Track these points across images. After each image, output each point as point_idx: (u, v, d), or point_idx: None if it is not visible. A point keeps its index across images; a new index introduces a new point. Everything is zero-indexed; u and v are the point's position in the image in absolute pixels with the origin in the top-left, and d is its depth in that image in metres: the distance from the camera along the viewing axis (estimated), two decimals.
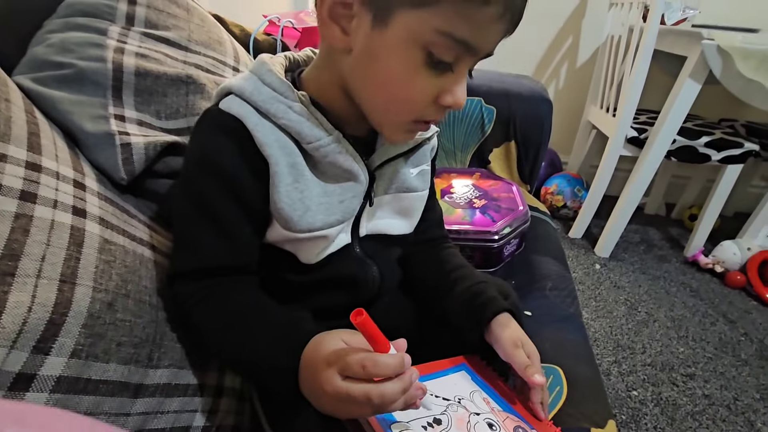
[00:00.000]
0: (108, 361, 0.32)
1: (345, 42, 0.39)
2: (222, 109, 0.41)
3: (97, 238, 0.37)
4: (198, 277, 0.41)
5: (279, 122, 0.41)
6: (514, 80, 1.02)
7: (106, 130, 0.47)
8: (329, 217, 0.44)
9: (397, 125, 0.42)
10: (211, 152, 0.41)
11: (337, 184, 0.44)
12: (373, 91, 0.40)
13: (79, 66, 0.49)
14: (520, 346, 0.46)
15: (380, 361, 0.32)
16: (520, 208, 0.78)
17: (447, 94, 0.38)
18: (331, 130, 0.42)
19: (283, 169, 0.41)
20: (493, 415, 0.42)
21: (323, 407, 0.35)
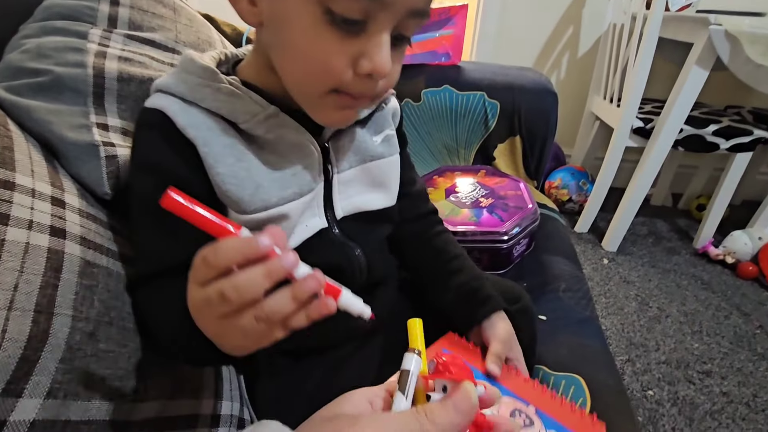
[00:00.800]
0: (90, 398, 0.29)
1: (255, 14, 0.37)
2: (146, 107, 0.40)
3: (78, 261, 0.34)
4: (150, 281, 0.38)
5: (208, 106, 0.39)
6: (518, 72, 0.98)
7: (89, 140, 0.44)
8: (284, 191, 0.41)
9: (317, 99, 0.37)
10: (141, 150, 0.40)
11: (286, 159, 0.42)
12: (285, 63, 0.38)
13: (56, 72, 0.45)
14: (506, 343, 0.46)
15: (220, 246, 0.25)
16: (529, 206, 0.75)
17: (363, 58, 0.34)
18: (266, 105, 0.40)
19: (218, 149, 0.38)
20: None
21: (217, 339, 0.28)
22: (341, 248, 0.46)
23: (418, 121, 0.93)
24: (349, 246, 0.47)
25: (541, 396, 0.42)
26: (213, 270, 0.25)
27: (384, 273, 0.53)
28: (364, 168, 0.48)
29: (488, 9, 1.66)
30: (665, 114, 1.34)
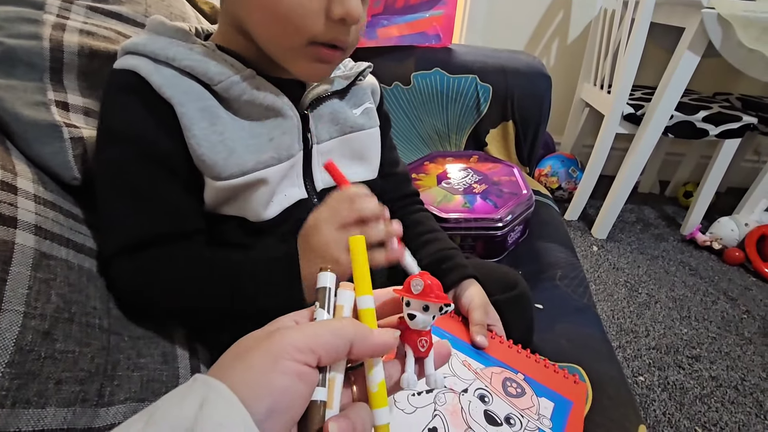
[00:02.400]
0: (44, 405, 0.26)
1: None
2: (116, 68, 0.37)
3: (32, 252, 0.30)
4: (135, 252, 0.36)
5: (181, 65, 0.37)
6: (510, 56, 0.95)
7: (50, 120, 0.39)
8: (260, 156, 0.39)
9: (293, 52, 0.38)
10: (112, 115, 0.37)
11: (262, 123, 0.40)
12: (256, 21, 0.37)
13: (7, 44, 0.41)
14: (482, 308, 0.45)
15: (359, 192, 0.38)
16: (524, 191, 0.72)
17: (335, 3, 0.34)
18: (241, 68, 0.38)
19: (192, 112, 0.36)
20: (480, 381, 0.39)
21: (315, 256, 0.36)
22: None
23: (408, 105, 0.90)
24: None
25: (527, 362, 0.42)
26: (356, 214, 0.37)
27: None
28: (343, 140, 0.47)
29: None
30: (656, 100, 1.33)
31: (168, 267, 0.37)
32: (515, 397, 0.37)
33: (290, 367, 0.18)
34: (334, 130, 0.46)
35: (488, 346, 0.42)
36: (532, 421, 0.35)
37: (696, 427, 0.90)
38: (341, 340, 0.20)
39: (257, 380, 0.18)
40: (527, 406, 0.36)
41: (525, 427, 0.34)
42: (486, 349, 0.42)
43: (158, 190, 0.37)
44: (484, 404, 0.36)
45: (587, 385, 0.40)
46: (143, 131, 0.36)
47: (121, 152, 0.36)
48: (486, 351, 0.42)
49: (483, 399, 0.36)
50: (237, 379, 0.18)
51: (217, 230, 0.41)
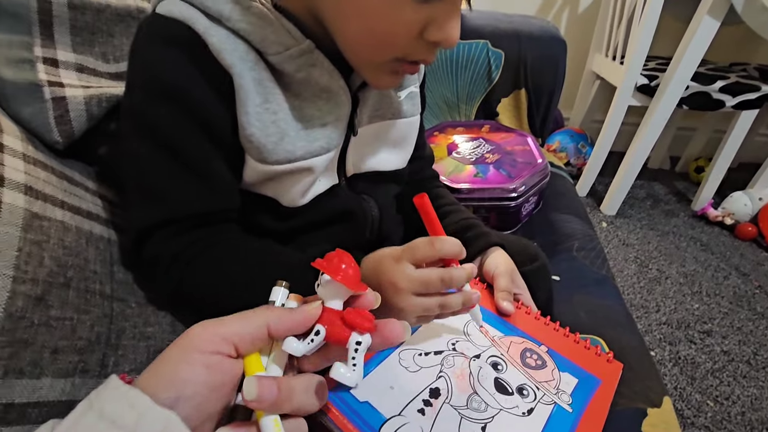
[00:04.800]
0: (39, 375, 0.24)
1: None
2: (161, 14, 0.32)
3: (21, 212, 0.28)
4: (176, 231, 0.34)
5: (236, 27, 0.32)
6: (523, 20, 0.91)
7: (31, 78, 0.36)
8: (312, 144, 0.36)
9: (377, 65, 0.34)
10: (160, 71, 0.32)
11: (316, 106, 0.36)
12: (347, 22, 0.33)
13: None
14: (507, 275, 0.43)
15: (445, 239, 0.33)
16: (539, 161, 0.69)
17: (434, 27, 0.31)
18: (300, 38, 0.34)
19: (249, 84, 0.32)
20: (496, 348, 0.36)
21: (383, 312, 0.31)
22: (355, 199, 0.44)
23: None
24: (363, 198, 0.45)
25: (554, 335, 0.39)
26: (435, 255, 0.32)
27: (395, 228, 0.50)
28: (382, 125, 0.44)
29: None
30: (672, 69, 1.28)
31: (215, 249, 0.35)
32: (533, 369, 0.35)
33: (197, 358, 0.20)
34: (375, 115, 0.43)
35: (513, 315, 0.40)
36: (548, 395, 0.33)
37: (708, 401, 0.89)
38: (253, 326, 0.22)
39: (164, 371, 0.20)
40: (546, 379, 0.34)
41: (539, 400, 0.32)
42: (510, 318, 0.40)
43: (207, 162, 0.34)
44: (496, 372, 0.34)
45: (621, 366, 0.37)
46: (195, 93, 0.32)
47: (168, 112, 0.32)
48: (509, 320, 0.40)
49: (496, 366, 0.34)
50: (150, 371, 0.20)
51: (246, 208, 0.38)
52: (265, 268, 0.35)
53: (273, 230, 0.40)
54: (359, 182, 0.44)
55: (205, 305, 0.36)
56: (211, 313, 0.37)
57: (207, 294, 0.35)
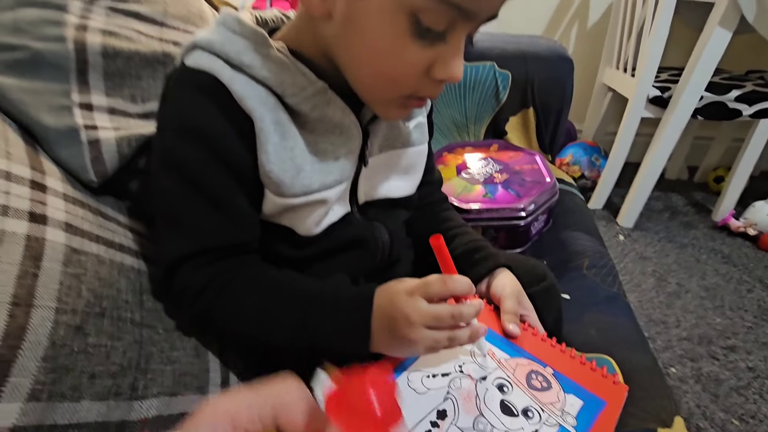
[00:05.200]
0: (78, 399, 0.26)
1: (323, 7, 0.33)
2: (191, 66, 0.35)
3: (62, 248, 0.31)
4: (204, 262, 0.37)
5: (256, 74, 0.35)
6: (529, 40, 0.93)
7: (69, 124, 0.40)
8: (326, 177, 0.39)
9: (387, 102, 0.37)
10: (189, 116, 0.35)
11: (329, 141, 0.39)
12: (358, 65, 0.35)
13: (34, 48, 0.42)
14: (514, 297, 0.44)
15: (457, 278, 0.36)
16: (547, 180, 0.70)
17: (439, 66, 0.33)
18: (315, 80, 0.37)
19: (269, 125, 0.35)
20: (502, 371, 0.38)
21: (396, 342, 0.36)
22: (366, 227, 0.46)
23: None
24: (374, 225, 0.46)
25: (560, 356, 0.40)
26: (447, 292, 0.35)
27: (402, 253, 0.52)
28: (392, 154, 0.46)
29: None
30: (684, 80, 1.27)
31: (240, 280, 0.37)
32: (539, 391, 0.36)
33: None
34: (385, 145, 0.45)
35: (519, 337, 0.41)
36: (553, 417, 0.34)
37: (732, 419, 0.87)
38: (255, 409, 0.23)
39: None
40: (551, 401, 0.35)
41: (544, 422, 0.33)
42: (516, 340, 0.41)
43: (231, 198, 0.37)
44: (501, 394, 0.35)
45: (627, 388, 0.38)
46: (221, 136, 0.35)
47: (196, 152, 0.35)
48: (516, 341, 0.41)
49: (501, 388, 0.35)
50: None
51: (265, 238, 0.41)
52: (284, 296, 0.37)
53: (290, 258, 0.42)
54: (371, 209, 0.46)
55: (231, 332, 0.39)
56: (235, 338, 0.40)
57: (232, 321, 0.37)
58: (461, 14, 0.31)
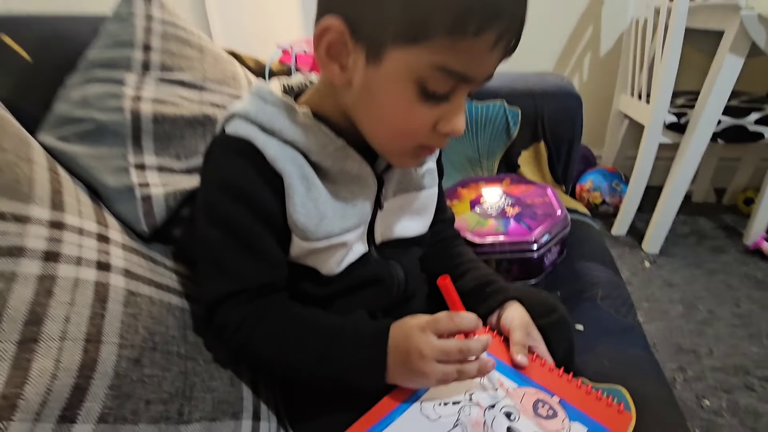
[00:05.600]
0: (137, 422, 0.31)
1: (344, 78, 0.39)
2: (230, 134, 0.41)
3: (122, 291, 0.37)
4: (241, 300, 0.42)
5: (285, 137, 0.41)
6: (538, 78, 0.98)
7: (127, 183, 0.47)
8: (345, 222, 0.44)
9: (401, 153, 0.42)
10: (230, 176, 0.41)
11: (348, 190, 0.44)
12: (375, 125, 0.41)
13: (98, 119, 0.49)
14: (522, 328, 0.47)
15: (464, 315, 0.40)
16: (558, 212, 0.73)
17: (444, 122, 0.38)
18: (335, 139, 0.42)
19: (296, 181, 0.41)
20: (509, 399, 0.40)
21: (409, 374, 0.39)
22: (383, 265, 0.50)
23: None
24: (390, 263, 0.50)
25: (566, 386, 0.42)
26: (454, 326, 0.39)
27: (417, 287, 0.55)
28: (405, 197, 0.51)
29: None
30: (700, 107, 1.28)
31: (272, 317, 0.42)
32: (545, 419, 0.38)
33: None
34: (398, 189, 0.50)
35: (527, 367, 0.44)
36: None
37: None
38: None
39: None
40: (556, 428, 0.37)
41: None
42: (524, 370, 0.43)
43: (264, 245, 0.42)
44: (509, 421, 0.37)
45: (632, 417, 0.39)
46: (256, 193, 0.41)
47: (235, 206, 0.41)
48: (524, 372, 0.43)
49: (509, 416, 0.38)
50: None
51: (291, 277, 0.45)
52: (308, 332, 0.42)
53: (315, 295, 0.46)
54: (387, 249, 0.50)
55: (264, 363, 0.44)
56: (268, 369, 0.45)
57: (264, 354, 0.42)
58: (461, 80, 0.36)
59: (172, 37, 0.63)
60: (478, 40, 0.34)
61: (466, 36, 0.33)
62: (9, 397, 0.26)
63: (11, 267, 0.31)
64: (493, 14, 0.33)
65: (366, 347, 0.40)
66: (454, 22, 0.33)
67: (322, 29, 0.37)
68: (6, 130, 0.39)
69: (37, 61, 0.55)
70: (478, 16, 0.33)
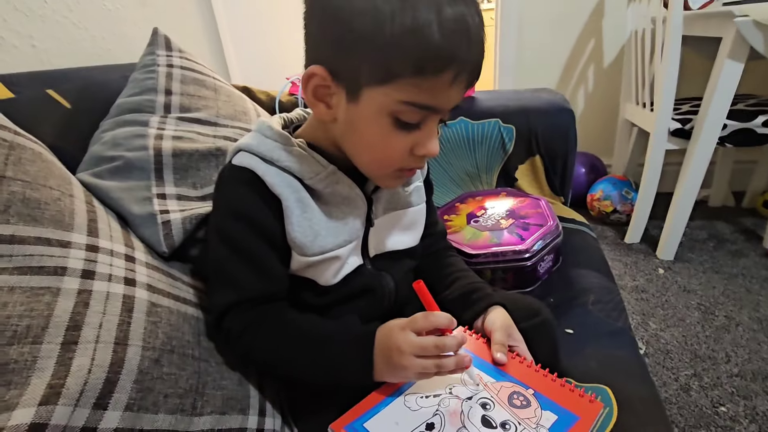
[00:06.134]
0: (157, 412, 0.37)
1: (331, 114, 0.45)
2: (235, 164, 0.48)
3: (145, 303, 0.43)
4: (245, 308, 0.47)
5: (282, 165, 0.47)
6: (531, 95, 1.02)
7: (150, 210, 0.54)
8: (337, 238, 0.49)
9: (384, 176, 0.48)
10: (235, 202, 0.48)
11: (340, 210, 0.50)
12: (359, 153, 0.47)
13: (126, 157, 0.57)
14: (503, 330, 0.50)
15: (438, 314, 0.44)
16: (550, 222, 0.76)
17: (420, 147, 0.44)
18: (326, 165, 0.48)
19: (293, 203, 0.47)
20: (487, 391, 0.44)
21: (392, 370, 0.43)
22: (375, 276, 0.55)
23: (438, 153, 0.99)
24: (381, 275, 0.55)
25: (542, 380, 0.45)
26: (429, 324, 0.44)
27: (410, 296, 0.59)
28: (394, 215, 0.56)
29: (505, 36, 1.72)
30: (703, 112, 1.29)
31: (270, 323, 0.47)
32: (518, 408, 0.41)
33: None
34: (388, 207, 0.55)
35: (506, 364, 0.47)
36: (528, 429, 0.39)
37: None
38: None
39: None
40: (528, 416, 0.40)
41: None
42: (503, 367, 0.47)
43: (266, 260, 0.48)
44: (484, 410, 0.41)
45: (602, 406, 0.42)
46: (259, 215, 0.46)
47: (241, 228, 0.46)
48: (503, 368, 0.47)
49: (484, 406, 0.41)
50: None
51: (293, 288, 0.51)
52: (304, 336, 0.47)
53: (312, 304, 0.52)
54: (380, 261, 0.56)
55: (266, 365, 0.49)
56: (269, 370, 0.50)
57: (265, 357, 0.47)
58: (431, 111, 0.43)
59: (190, 81, 0.72)
60: (438, 78, 0.39)
61: (427, 76, 0.39)
62: (55, 387, 0.32)
63: (56, 283, 0.38)
64: (448, 58, 0.39)
65: (355, 350, 0.45)
66: (415, 66, 0.39)
67: (308, 75, 0.43)
68: (53, 171, 0.47)
69: (76, 107, 0.64)
70: (434, 60, 0.39)
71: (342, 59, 0.41)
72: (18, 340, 0.33)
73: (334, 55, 0.42)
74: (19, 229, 0.39)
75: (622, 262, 1.47)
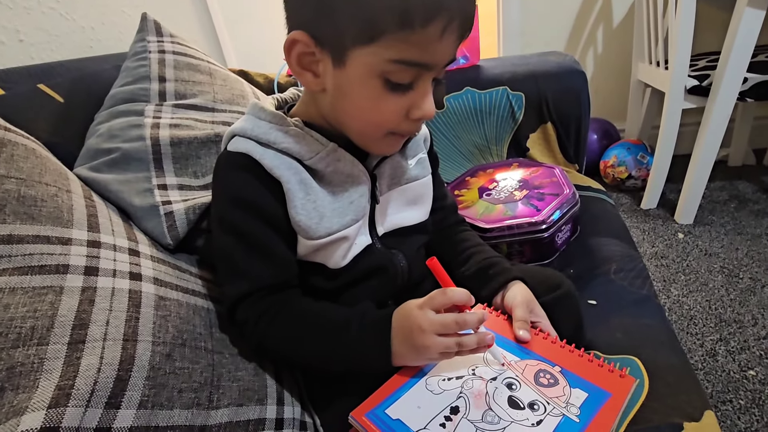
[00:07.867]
0: (172, 407, 0.36)
1: (318, 84, 0.43)
2: (231, 150, 0.46)
3: (153, 297, 0.42)
4: (257, 298, 0.46)
5: (280, 147, 0.45)
6: (539, 59, 0.97)
7: (151, 202, 0.53)
8: (344, 218, 0.47)
9: (376, 142, 0.45)
10: (235, 189, 0.46)
11: (344, 189, 0.48)
12: (350, 121, 0.44)
13: (123, 148, 0.56)
14: (524, 305, 0.48)
15: (455, 289, 0.42)
16: (566, 191, 0.73)
17: (415, 109, 0.41)
18: (326, 143, 0.46)
19: (294, 186, 0.44)
20: (511, 371, 0.42)
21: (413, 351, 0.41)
22: (385, 255, 0.53)
23: (445, 126, 0.96)
24: (392, 253, 0.53)
25: (568, 356, 0.43)
26: (449, 300, 0.42)
27: (423, 273, 0.57)
28: (400, 190, 0.54)
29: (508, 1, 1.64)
30: (722, 67, 1.22)
31: (285, 313, 0.46)
32: (546, 387, 0.40)
33: None
34: (393, 183, 0.53)
35: (530, 341, 0.45)
36: (558, 408, 0.37)
37: None
38: None
39: None
40: (556, 395, 0.38)
41: (549, 413, 0.37)
42: (527, 344, 0.45)
43: (272, 245, 0.46)
44: (510, 391, 0.39)
45: (634, 380, 0.40)
46: (259, 200, 0.44)
47: (243, 215, 0.45)
48: (527, 346, 0.45)
49: (510, 386, 0.40)
50: None
51: (303, 274, 0.49)
52: (319, 324, 0.46)
53: (323, 288, 0.50)
54: (389, 239, 0.53)
55: (282, 354, 0.47)
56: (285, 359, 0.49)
57: (281, 346, 0.46)
58: (420, 68, 0.40)
59: (183, 66, 0.69)
60: (426, 31, 0.36)
61: (414, 29, 0.36)
62: (64, 388, 0.31)
63: (59, 282, 0.36)
64: (435, 6, 0.36)
65: (372, 335, 0.43)
66: (400, 19, 0.36)
67: (290, 42, 0.41)
68: (47, 167, 0.45)
69: (69, 101, 0.62)
70: (421, 10, 0.36)
71: (323, 20, 0.39)
72: (23, 342, 0.32)
73: (315, 17, 0.39)
74: (17, 228, 0.37)
75: (639, 229, 1.43)
